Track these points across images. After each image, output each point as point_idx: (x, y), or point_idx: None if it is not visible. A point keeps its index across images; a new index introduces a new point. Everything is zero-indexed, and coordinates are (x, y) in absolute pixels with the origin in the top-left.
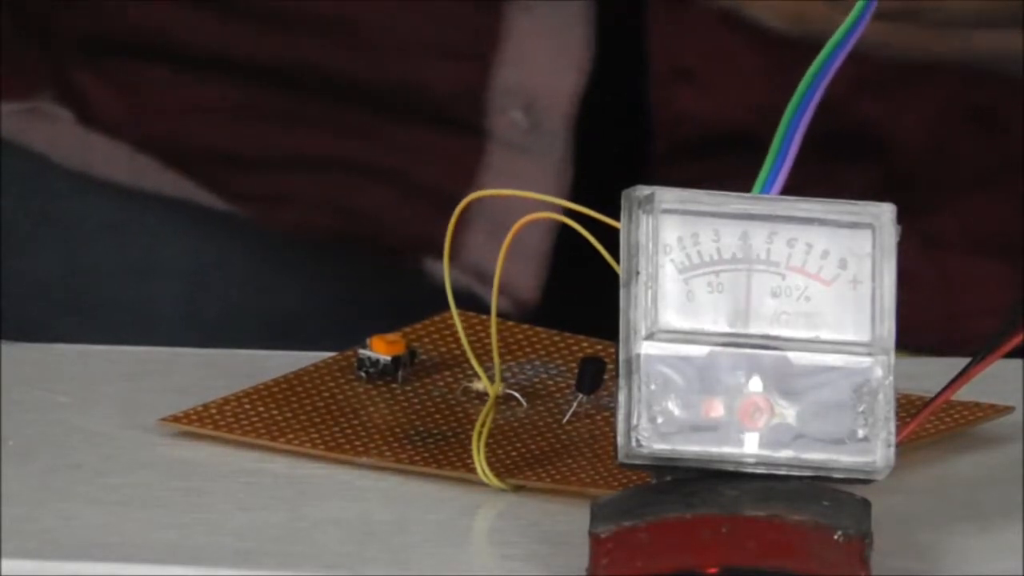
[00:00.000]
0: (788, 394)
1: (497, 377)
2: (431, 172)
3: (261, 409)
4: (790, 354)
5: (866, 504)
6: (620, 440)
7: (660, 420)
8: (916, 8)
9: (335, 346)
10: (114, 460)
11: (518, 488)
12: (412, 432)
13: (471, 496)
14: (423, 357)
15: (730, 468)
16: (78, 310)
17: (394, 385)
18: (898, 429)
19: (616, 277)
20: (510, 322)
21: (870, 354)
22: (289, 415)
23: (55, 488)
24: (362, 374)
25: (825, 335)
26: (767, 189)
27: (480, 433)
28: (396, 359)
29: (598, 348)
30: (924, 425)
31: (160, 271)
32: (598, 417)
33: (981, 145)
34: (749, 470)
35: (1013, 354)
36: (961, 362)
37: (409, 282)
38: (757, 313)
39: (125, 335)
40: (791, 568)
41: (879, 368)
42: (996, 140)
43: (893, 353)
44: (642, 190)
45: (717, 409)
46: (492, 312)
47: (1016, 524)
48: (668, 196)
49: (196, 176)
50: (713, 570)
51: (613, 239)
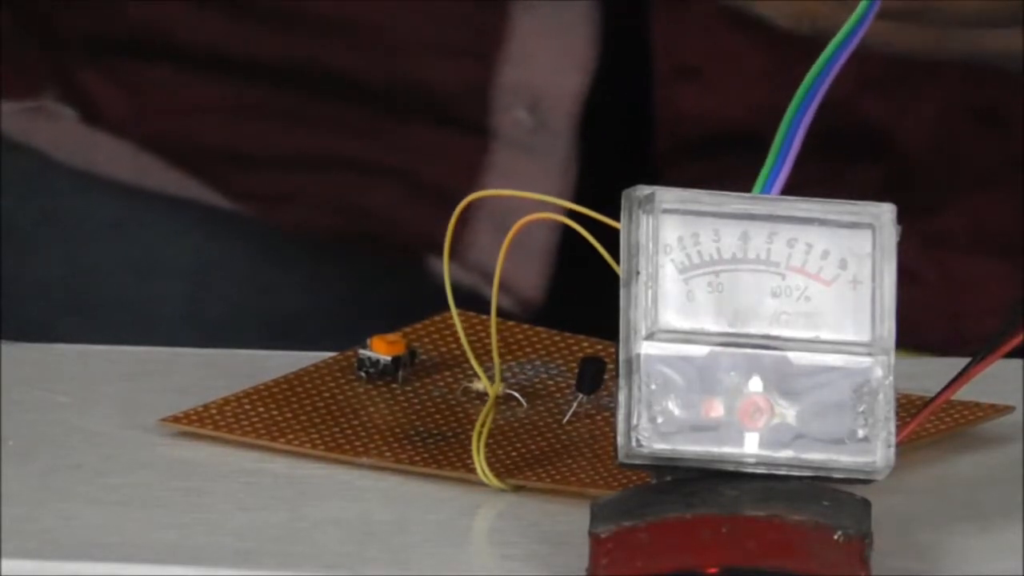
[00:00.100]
0: (788, 394)
1: (497, 377)
2: (434, 171)
3: (261, 409)
4: (790, 354)
5: (866, 504)
6: (620, 440)
7: (660, 420)
8: (919, 8)
9: (335, 346)
10: (114, 460)
11: (518, 488)
12: (412, 432)
13: (471, 496)
14: (423, 357)
15: (730, 468)
16: (79, 310)
17: (394, 385)
18: (898, 429)
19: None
20: (510, 322)
21: (870, 354)
22: (289, 415)
23: (55, 488)
24: (362, 374)
25: (825, 335)
26: (768, 189)
27: (480, 433)
28: (396, 359)
29: (598, 348)
30: (924, 425)
31: (162, 270)
32: (598, 417)
33: (983, 145)
34: (749, 470)
35: (1013, 354)
36: (961, 362)
37: (410, 282)
38: (757, 313)
39: (126, 335)
40: (791, 568)
41: (879, 368)
42: (998, 140)
43: (893, 353)
44: (642, 190)
45: (717, 409)
46: (492, 312)
47: (1016, 524)
48: (668, 196)
49: (199, 175)
50: (713, 570)
51: (615, 238)
